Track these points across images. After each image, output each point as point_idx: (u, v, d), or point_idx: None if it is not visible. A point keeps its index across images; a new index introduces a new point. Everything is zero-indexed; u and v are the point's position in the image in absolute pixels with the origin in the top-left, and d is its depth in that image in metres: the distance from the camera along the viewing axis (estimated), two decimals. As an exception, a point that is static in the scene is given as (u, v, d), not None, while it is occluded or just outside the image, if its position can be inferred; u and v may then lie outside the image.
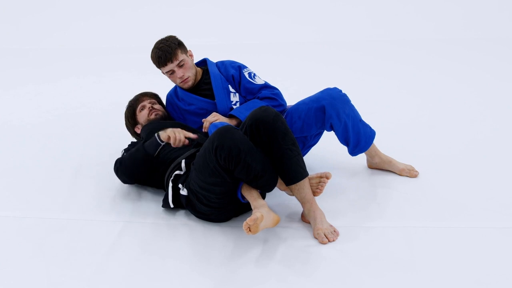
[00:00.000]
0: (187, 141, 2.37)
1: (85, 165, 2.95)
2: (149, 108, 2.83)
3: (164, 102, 2.94)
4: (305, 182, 2.26)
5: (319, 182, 2.33)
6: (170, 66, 2.65)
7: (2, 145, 3.28)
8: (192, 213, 2.37)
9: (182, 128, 2.68)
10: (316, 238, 2.20)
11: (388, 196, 2.54)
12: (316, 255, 2.12)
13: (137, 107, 2.85)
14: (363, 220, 2.35)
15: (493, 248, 2.12)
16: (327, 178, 2.33)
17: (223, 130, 2.10)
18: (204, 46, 4.48)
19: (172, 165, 2.44)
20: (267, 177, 2.18)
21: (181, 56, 2.66)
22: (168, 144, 2.42)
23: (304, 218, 2.34)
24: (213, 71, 2.77)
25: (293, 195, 2.33)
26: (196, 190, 2.24)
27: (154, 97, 2.94)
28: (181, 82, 2.71)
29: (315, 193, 2.32)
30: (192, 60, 2.76)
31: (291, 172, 2.23)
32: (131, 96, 2.97)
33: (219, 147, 2.06)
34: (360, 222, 2.33)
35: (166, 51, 2.62)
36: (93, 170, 2.88)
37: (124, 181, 2.58)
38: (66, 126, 3.55)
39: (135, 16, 6.21)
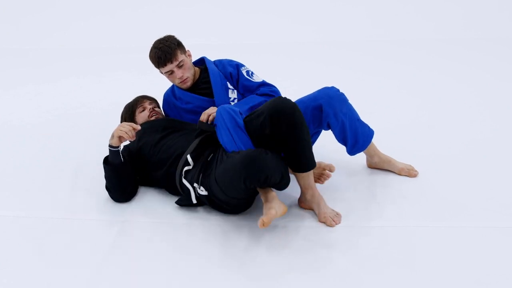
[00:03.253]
0: (138, 126, 2.43)
1: (85, 165, 2.95)
2: (149, 109, 2.83)
3: (161, 103, 2.94)
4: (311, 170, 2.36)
5: (322, 174, 2.44)
6: (169, 67, 2.65)
7: (2, 145, 3.28)
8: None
9: (177, 124, 2.68)
10: (323, 222, 2.31)
11: (388, 195, 2.54)
12: (316, 255, 2.13)
13: (137, 107, 2.86)
14: (363, 220, 2.35)
15: (493, 248, 2.12)
16: (330, 171, 2.42)
17: (249, 160, 2.10)
18: (204, 46, 4.46)
19: (180, 163, 2.44)
20: (284, 181, 2.25)
21: (181, 57, 2.66)
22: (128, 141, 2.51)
23: (303, 204, 2.41)
24: (211, 68, 2.77)
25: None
26: (217, 196, 2.31)
27: (154, 101, 2.95)
28: (180, 82, 2.71)
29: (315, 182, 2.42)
30: (191, 60, 2.76)
31: (303, 160, 2.30)
32: (131, 96, 2.97)
33: (248, 179, 2.10)
34: (360, 221, 2.34)
35: (166, 52, 2.61)
36: (93, 170, 2.88)
37: (125, 200, 2.56)
38: (66, 126, 3.55)
39: (135, 16, 6.21)
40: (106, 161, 2.50)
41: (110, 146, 2.45)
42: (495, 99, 3.81)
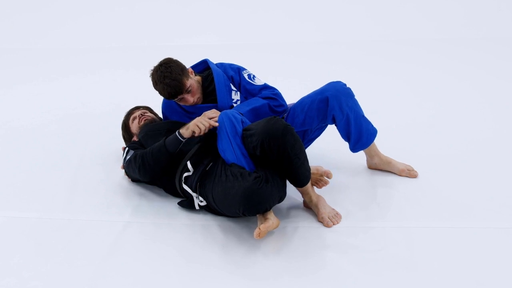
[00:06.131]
0: (216, 124, 2.36)
1: (85, 165, 2.95)
2: (139, 116, 2.85)
3: (159, 108, 2.92)
4: None
5: (320, 180, 2.42)
6: (180, 96, 2.61)
7: (2, 146, 3.28)
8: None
9: (176, 126, 2.66)
10: (321, 222, 2.31)
11: (388, 196, 2.54)
12: (316, 255, 2.13)
13: (129, 120, 2.89)
14: (363, 220, 2.35)
15: (493, 248, 2.12)
16: (328, 177, 2.39)
17: (249, 193, 2.12)
18: (205, 46, 4.46)
19: (180, 168, 2.43)
20: (282, 200, 2.33)
21: (188, 83, 2.58)
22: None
23: (305, 204, 2.45)
24: (215, 69, 2.75)
25: None
26: (215, 209, 2.35)
27: (146, 108, 2.96)
28: (192, 104, 2.69)
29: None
30: (194, 76, 2.69)
31: (298, 177, 2.32)
32: (131, 96, 2.97)
33: (247, 211, 2.16)
34: (360, 222, 2.34)
35: (175, 86, 2.53)
36: (93, 170, 2.88)
37: (144, 179, 2.54)
38: (66, 126, 3.55)
39: (135, 16, 6.20)
40: (164, 145, 2.43)
41: (180, 135, 2.40)
42: (496, 99, 3.81)
